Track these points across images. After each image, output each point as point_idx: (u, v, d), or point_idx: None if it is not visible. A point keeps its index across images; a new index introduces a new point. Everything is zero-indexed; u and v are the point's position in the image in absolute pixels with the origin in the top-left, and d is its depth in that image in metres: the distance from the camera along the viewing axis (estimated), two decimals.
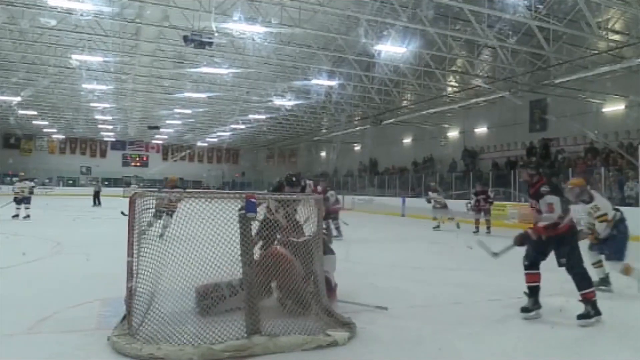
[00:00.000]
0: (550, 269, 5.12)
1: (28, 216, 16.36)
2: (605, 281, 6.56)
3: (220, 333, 3.90)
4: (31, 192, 17.11)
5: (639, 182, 14.67)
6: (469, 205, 15.75)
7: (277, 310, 4.53)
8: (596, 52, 16.95)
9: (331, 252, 5.70)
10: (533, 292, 5.17)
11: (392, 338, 4.44)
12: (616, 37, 16.95)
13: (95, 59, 21.05)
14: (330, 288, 5.40)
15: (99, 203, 27.09)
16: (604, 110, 20.24)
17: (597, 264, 6.53)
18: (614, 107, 19.82)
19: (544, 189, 5.16)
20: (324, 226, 5.89)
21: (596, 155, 18.61)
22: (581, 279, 5.04)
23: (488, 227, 14.75)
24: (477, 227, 14.90)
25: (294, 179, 6.46)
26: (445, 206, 16.10)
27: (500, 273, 6.85)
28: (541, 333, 4.67)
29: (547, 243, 5.19)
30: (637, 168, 14.74)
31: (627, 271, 6.31)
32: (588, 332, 4.74)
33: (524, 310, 5.09)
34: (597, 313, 4.93)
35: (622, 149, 17.24)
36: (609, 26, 16.97)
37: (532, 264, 5.22)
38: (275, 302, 4.80)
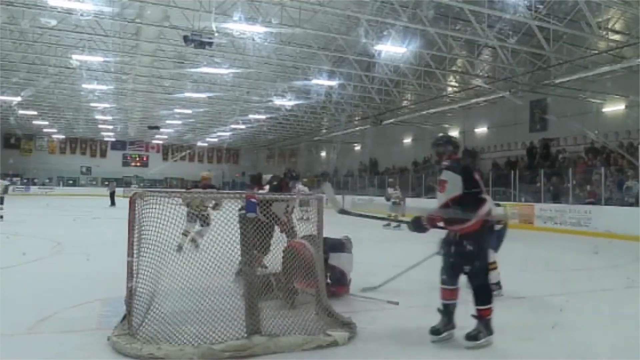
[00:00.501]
0: (553, 269, 5.12)
1: (1, 217, 15.22)
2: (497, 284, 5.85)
3: (221, 333, 3.90)
4: (5, 192, 16.27)
5: (639, 182, 14.65)
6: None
7: (277, 310, 4.53)
8: (596, 52, 16.95)
9: (349, 251, 6.02)
10: (446, 311, 4.37)
11: (392, 338, 4.44)
12: (616, 37, 16.97)
13: (96, 59, 21.07)
14: (345, 283, 5.83)
15: (114, 203, 26.99)
16: (604, 110, 20.25)
17: (492, 265, 5.50)
18: (614, 107, 19.82)
19: (444, 163, 4.40)
20: None
21: (596, 155, 18.61)
22: (482, 293, 4.30)
23: None
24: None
25: (293, 173, 6.58)
26: (403, 203, 16.27)
27: (502, 273, 6.84)
28: (542, 333, 4.67)
29: (450, 243, 4.36)
30: (637, 168, 14.74)
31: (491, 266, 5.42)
32: (588, 333, 4.74)
33: (434, 332, 4.29)
34: (489, 333, 4.24)
35: (623, 149, 17.23)
36: (609, 26, 16.98)
37: (449, 276, 4.39)
38: (276, 302, 4.80)
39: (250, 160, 52.09)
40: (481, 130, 26.98)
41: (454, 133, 28.98)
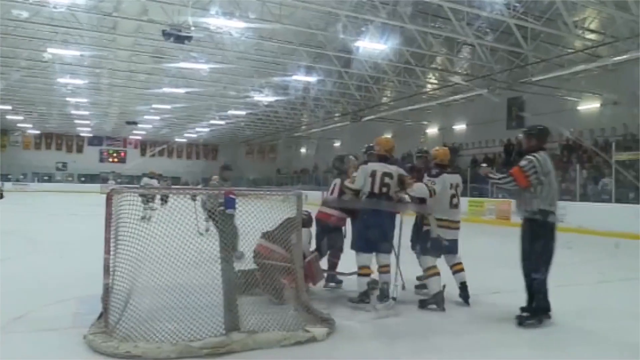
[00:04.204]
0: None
1: None
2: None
3: (199, 330, 3.88)
4: None
5: (612, 179, 14.94)
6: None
7: (256, 306, 4.52)
8: (572, 50, 17.25)
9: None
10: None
11: (370, 333, 4.48)
12: (592, 36, 17.26)
13: (72, 53, 20.70)
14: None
15: None
16: (579, 108, 20.59)
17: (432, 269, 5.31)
18: (590, 105, 20.17)
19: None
20: None
21: (572, 152, 18.92)
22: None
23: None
24: None
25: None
26: None
27: (484, 270, 6.93)
28: (522, 328, 4.74)
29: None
30: (611, 165, 15.02)
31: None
32: (561, 326, 4.83)
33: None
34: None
35: (597, 147, 17.55)
36: (585, 25, 17.25)
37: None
38: (255, 298, 4.79)
39: (229, 156, 51.75)
40: (460, 127, 27.23)
41: (433, 130, 29.26)
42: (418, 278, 6.07)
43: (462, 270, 5.52)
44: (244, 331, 3.96)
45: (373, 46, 19.03)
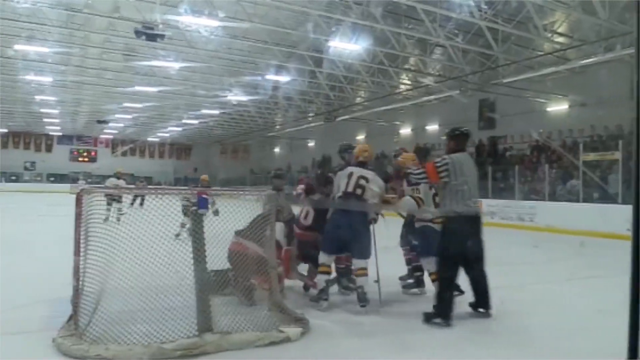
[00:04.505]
0: (498, 263, 5.27)
1: None
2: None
3: (171, 332, 3.84)
4: None
5: (579, 179, 15.29)
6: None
7: (229, 307, 4.50)
8: (542, 53, 17.59)
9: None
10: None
11: (345, 333, 4.51)
12: (560, 39, 17.64)
13: (41, 50, 20.22)
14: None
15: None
16: (548, 109, 21.03)
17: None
18: (558, 107, 20.62)
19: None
20: None
21: (541, 152, 19.31)
22: None
23: None
24: None
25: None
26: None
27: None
28: (493, 325, 4.83)
29: None
30: (578, 167, 15.38)
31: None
32: (530, 323, 4.94)
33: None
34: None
35: (566, 147, 17.96)
36: (554, 29, 17.63)
37: None
38: (228, 299, 4.77)
39: (202, 156, 51.36)
40: (432, 127, 27.51)
41: (406, 130, 29.51)
42: (401, 278, 6.16)
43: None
44: (217, 332, 3.94)
45: (346, 46, 19.07)
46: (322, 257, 5.30)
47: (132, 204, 8.96)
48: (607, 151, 15.47)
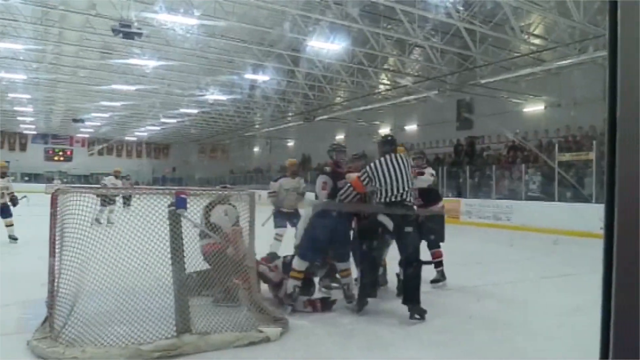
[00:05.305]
0: (474, 261, 5.33)
1: None
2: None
3: (149, 333, 3.80)
4: None
5: (555, 179, 15.54)
6: None
7: (208, 308, 4.47)
8: (519, 54, 17.84)
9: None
10: None
11: (324, 332, 4.51)
12: (537, 41, 17.91)
13: (14, 47, 19.82)
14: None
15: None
16: (525, 110, 21.33)
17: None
18: (534, 108, 20.92)
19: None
20: None
21: (517, 153, 19.56)
22: None
23: None
24: None
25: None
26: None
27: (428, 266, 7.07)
28: (471, 324, 4.88)
29: None
30: (553, 167, 15.64)
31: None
32: (507, 321, 5.01)
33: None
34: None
35: (542, 147, 18.24)
36: (531, 30, 17.89)
37: None
38: (206, 299, 4.73)
39: (181, 155, 50.93)
40: (411, 127, 27.71)
41: (385, 130, 29.63)
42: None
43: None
44: (196, 333, 3.92)
45: (325, 46, 19.09)
46: (297, 263, 5.21)
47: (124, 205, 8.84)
48: (582, 151, 15.77)
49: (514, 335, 4.59)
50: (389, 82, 24.89)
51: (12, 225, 10.39)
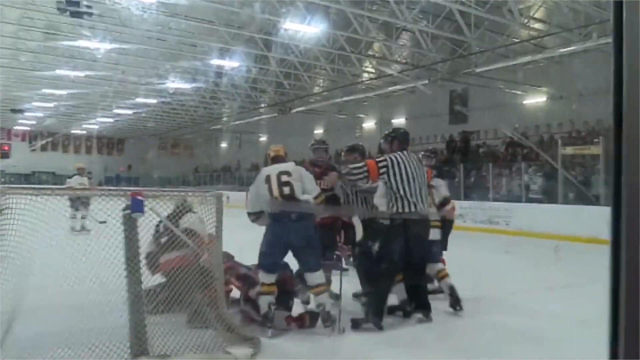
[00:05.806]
0: (470, 269, 5.39)
1: None
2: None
3: (98, 357, 3.75)
4: None
5: (557, 179, 15.74)
6: None
7: (168, 326, 4.42)
8: (518, 40, 18.02)
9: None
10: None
11: (299, 352, 4.50)
12: (538, 25, 18.09)
13: None
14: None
15: None
16: (525, 102, 21.55)
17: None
18: (535, 99, 21.15)
19: None
20: None
21: (517, 149, 19.74)
22: None
23: None
24: None
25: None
26: None
27: None
28: (462, 328, 4.93)
29: None
30: (555, 166, 15.82)
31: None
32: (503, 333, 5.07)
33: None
34: None
35: (543, 143, 18.44)
36: (531, 14, 18.06)
37: None
38: (166, 316, 4.68)
39: (138, 151, 50.37)
40: (399, 121, 27.78)
41: (370, 124, 29.76)
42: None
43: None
44: (154, 356, 3.88)
45: (302, 29, 19.01)
46: (262, 275, 5.04)
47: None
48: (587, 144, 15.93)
49: (523, 348, 4.64)
50: (373, 70, 24.96)
51: None
